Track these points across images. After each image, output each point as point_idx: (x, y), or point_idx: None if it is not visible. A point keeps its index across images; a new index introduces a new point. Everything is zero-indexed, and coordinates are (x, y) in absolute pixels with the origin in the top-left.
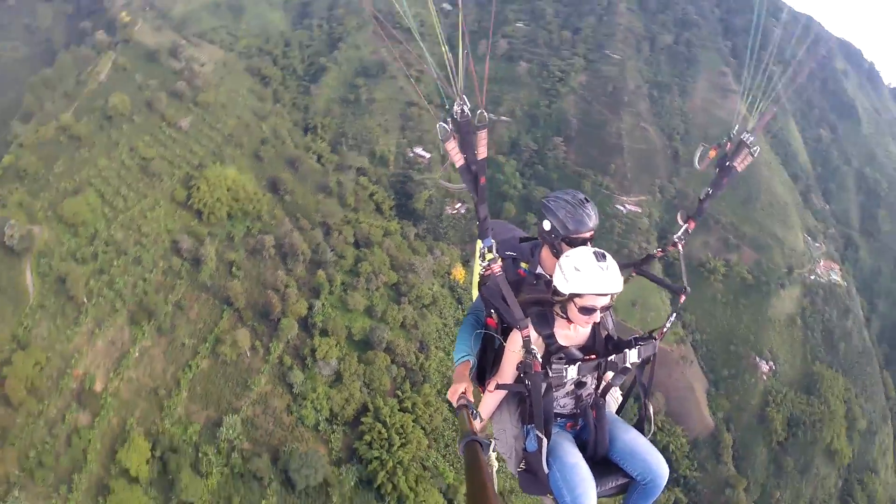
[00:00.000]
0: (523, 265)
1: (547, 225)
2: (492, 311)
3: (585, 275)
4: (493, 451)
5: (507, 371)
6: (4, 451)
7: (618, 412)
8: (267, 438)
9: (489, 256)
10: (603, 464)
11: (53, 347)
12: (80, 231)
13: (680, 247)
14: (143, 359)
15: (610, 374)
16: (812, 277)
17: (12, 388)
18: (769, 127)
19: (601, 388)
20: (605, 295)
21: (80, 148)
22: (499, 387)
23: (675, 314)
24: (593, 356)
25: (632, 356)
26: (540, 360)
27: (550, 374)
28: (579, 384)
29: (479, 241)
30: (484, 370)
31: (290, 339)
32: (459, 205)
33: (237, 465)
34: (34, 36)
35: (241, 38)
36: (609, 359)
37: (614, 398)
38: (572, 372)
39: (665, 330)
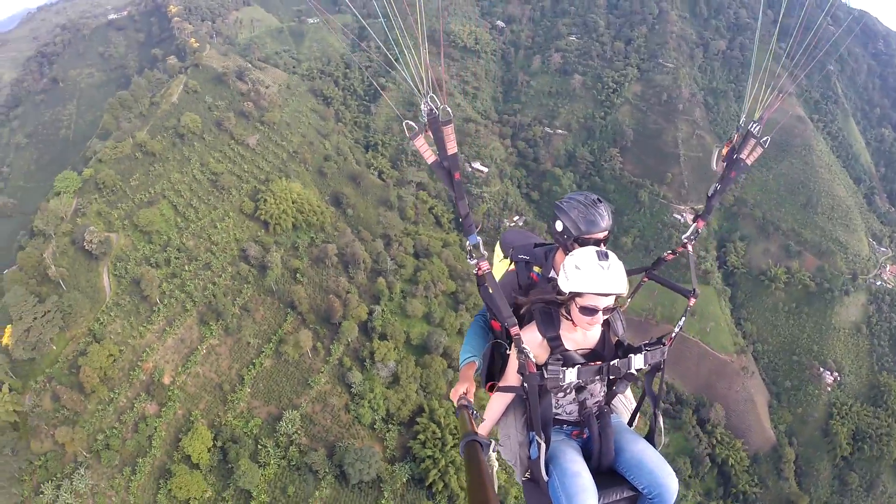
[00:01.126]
0: (536, 269)
1: (559, 226)
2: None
3: (585, 273)
4: (493, 452)
5: (511, 373)
6: (75, 432)
7: (630, 422)
8: (324, 434)
9: (477, 254)
10: (609, 475)
11: (126, 342)
12: (154, 238)
13: (689, 248)
14: (210, 356)
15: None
16: (878, 283)
17: (86, 377)
18: (829, 128)
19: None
20: (607, 295)
21: (154, 163)
22: (498, 388)
23: (684, 318)
24: (598, 362)
25: (637, 362)
26: (534, 360)
27: (546, 376)
28: (580, 389)
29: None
30: (494, 373)
31: (350, 342)
32: (518, 217)
33: (294, 458)
34: (108, 62)
35: (303, 62)
36: (611, 364)
37: (627, 407)
38: (571, 376)
39: (674, 336)
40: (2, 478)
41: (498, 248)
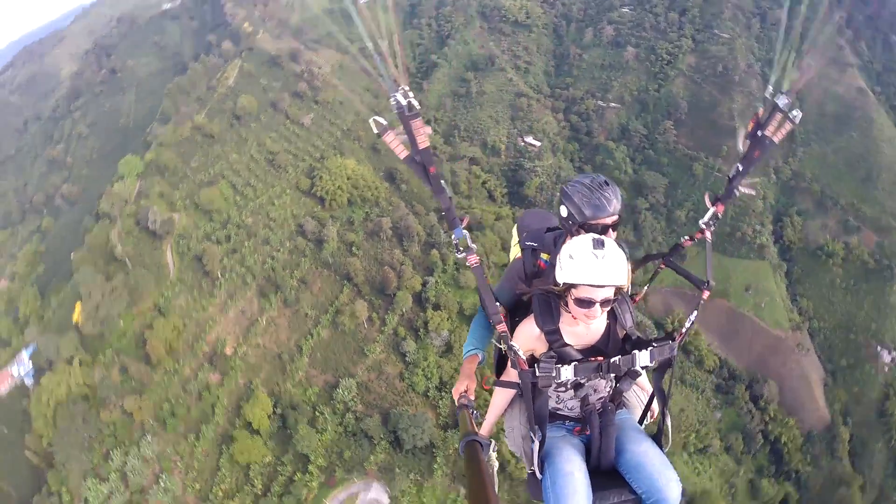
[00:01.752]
0: (544, 256)
1: (564, 211)
2: (497, 304)
3: (579, 263)
4: (493, 451)
5: (510, 368)
6: (142, 401)
7: (640, 420)
8: (379, 402)
9: (464, 248)
10: (611, 476)
11: (190, 315)
12: (214, 217)
13: (707, 234)
14: (269, 327)
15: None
16: None
17: (153, 348)
18: (893, 101)
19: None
20: (602, 287)
21: (213, 145)
22: (496, 383)
23: (696, 312)
24: (600, 358)
25: (642, 359)
26: (524, 357)
27: (538, 374)
28: (578, 386)
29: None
30: (502, 367)
31: (405, 312)
32: None
33: (350, 425)
34: (164, 51)
35: (354, 42)
36: (612, 360)
37: (641, 401)
38: (566, 373)
39: (685, 331)
40: (74, 446)
41: (514, 231)
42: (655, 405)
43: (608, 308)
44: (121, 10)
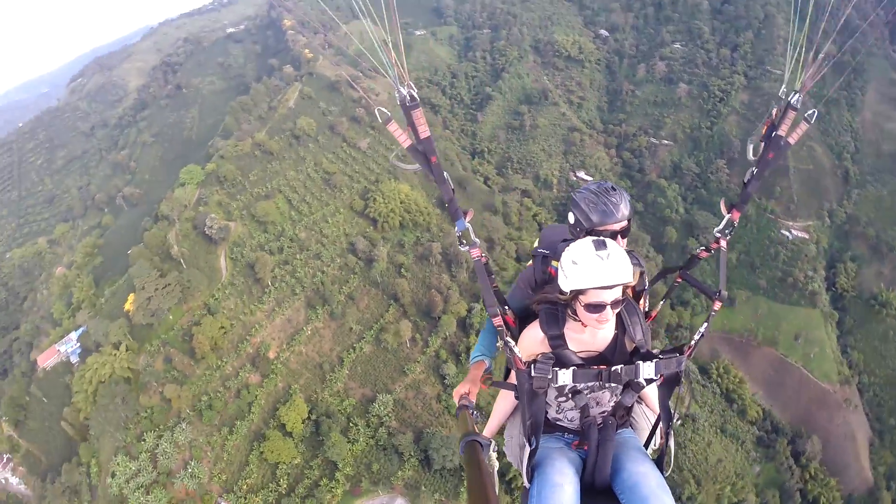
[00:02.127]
0: (555, 263)
1: (571, 218)
2: (505, 307)
3: (584, 267)
4: (494, 452)
5: (508, 367)
6: (182, 391)
7: (646, 443)
8: (413, 420)
9: (468, 241)
10: (605, 495)
11: (238, 317)
12: (269, 228)
13: (723, 244)
14: (313, 337)
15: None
16: None
17: (199, 343)
18: None
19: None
20: (610, 287)
21: (271, 161)
22: (494, 383)
23: (705, 324)
24: (603, 366)
25: (646, 370)
26: (520, 355)
27: (533, 374)
28: (576, 393)
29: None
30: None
31: (448, 336)
32: None
33: (382, 439)
34: (228, 72)
35: (411, 72)
36: (613, 369)
37: (648, 426)
38: (565, 377)
39: (694, 344)
40: (110, 423)
41: (537, 243)
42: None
43: (618, 309)
44: (187, 30)
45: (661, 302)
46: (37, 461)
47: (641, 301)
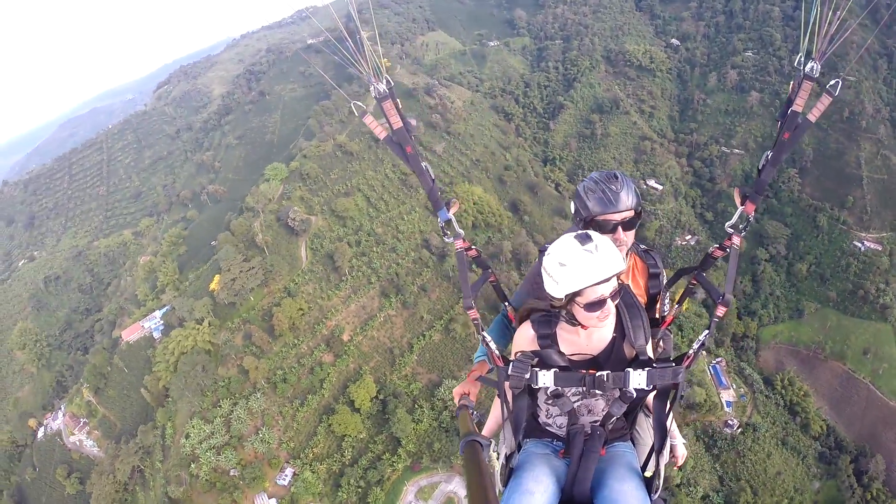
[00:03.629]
0: None
1: (572, 207)
2: (506, 304)
3: (574, 267)
4: (494, 452)
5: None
6: (259, 364)
7: (643, 465)
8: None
9: (451, 232)
10: None
11: (315, 301)
12: (347, 223)
13: (736, 240)
14: (386, 323)
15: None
16: None
17: (278, 322)
18: None
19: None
20: (606, 281)
21: (351, 161)
22: (479, 378)
23: (707, 331)
24: (592, 371)
25: (636, 379)
26: (496, 351)
27: (509, 372)
28: (557, 396)
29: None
30: None
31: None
32: (690, 236)
33: (445, 421)
34: (308, 80)
35: (485, 81)
36: (598, 375)
37: (649, 436)
38: (545, 379)
39: (693, 353)
40: (189, 388)
41: None
42: (675, 448)
43: (617, 300)
44: (268, 42)
45: (677, 306)
46: (112, 426)
47: (657, 304)
